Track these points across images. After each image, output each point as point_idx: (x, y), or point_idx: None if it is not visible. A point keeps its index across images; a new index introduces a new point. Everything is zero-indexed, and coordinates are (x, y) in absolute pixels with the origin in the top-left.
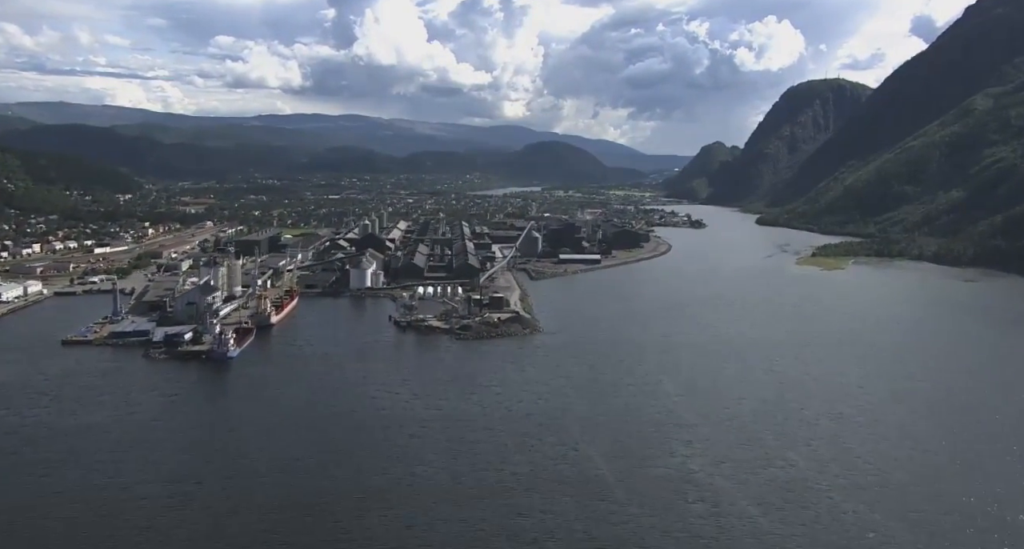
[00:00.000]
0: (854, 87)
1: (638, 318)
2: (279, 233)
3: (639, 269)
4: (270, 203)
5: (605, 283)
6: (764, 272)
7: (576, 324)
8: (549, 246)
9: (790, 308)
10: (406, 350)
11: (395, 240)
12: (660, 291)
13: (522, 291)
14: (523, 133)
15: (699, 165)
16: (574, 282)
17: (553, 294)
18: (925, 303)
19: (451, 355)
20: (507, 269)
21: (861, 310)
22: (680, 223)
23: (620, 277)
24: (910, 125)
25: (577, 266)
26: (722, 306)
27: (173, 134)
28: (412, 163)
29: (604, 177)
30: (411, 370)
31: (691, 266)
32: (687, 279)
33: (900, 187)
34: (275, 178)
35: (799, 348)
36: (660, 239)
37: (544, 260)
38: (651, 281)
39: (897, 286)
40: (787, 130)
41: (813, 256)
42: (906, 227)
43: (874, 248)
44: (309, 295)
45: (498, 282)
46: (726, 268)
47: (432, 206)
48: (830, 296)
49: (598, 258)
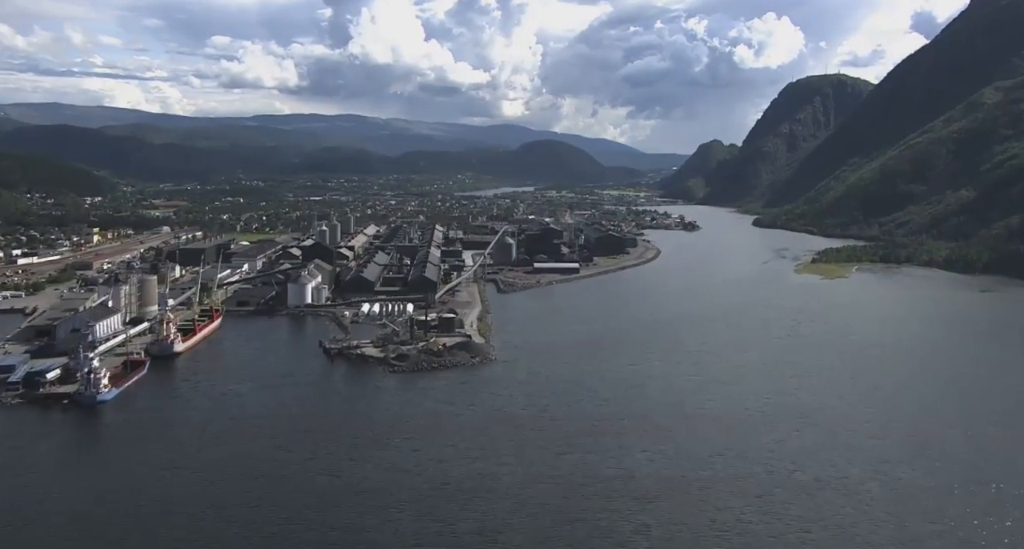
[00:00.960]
0: (855, 82)
1: (608, 342)
2: (230, 240)
3: (621, 279)
4: (246, 205)
5: (580, 296)
6: (760, 282)
7: (536, 350)
8: (525, 253)
9: (786, 328)
10: (326, 387)
11: (354, 248)
12: (640, 306)
13: (484, 308)
14: (521, 132)
15: (696, 164)
16: (546, 295)
17: (519, 310)
18: (940, 320)
19: (379, 394)
20: (474, 280)
21: (868, 330)
22: (672, 225)
23: (598, 289)
24: (915, 121)
25: (553, 276)
26: (708, 325)
27: (165, 135)
28: (404, 163)
29: (601, 176)
30: (319, 418)
31: (679, 275)
32: (673, 291)
33: (905, 186)
34: (260, 179)
35: (796, 381)
36: (649, 243)
37: (518, 269)
38: (632, 293)
39: (906, 298)
40: (786, 127)
41: (813, 262)
42: (912, 229)
43: (879, 253)
44: (240, 314)
45: (460, 296)
46: (718, 277)
47: (415, 208)
48: (832, 311)
49: (576, 267)
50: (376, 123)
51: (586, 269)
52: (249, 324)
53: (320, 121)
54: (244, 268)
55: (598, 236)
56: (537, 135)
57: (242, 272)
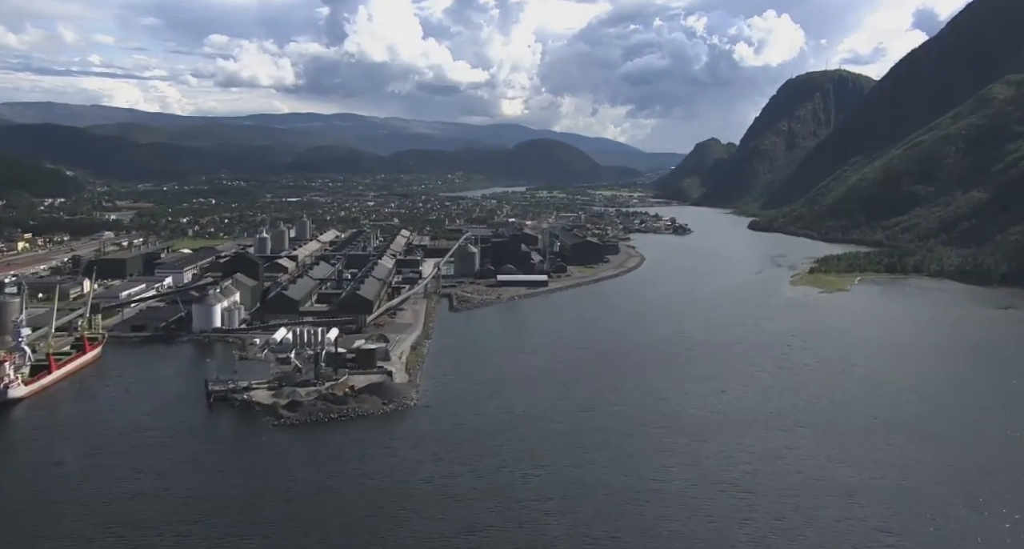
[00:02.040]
0: (856, 79)
1: (560, 379)
2: (161, 249)
3: (595, 292)
4: (216, 207)
5: (543, 316)
6: (750, 295)
7: (469, 391)
8: (491, 262)
9: (775, 358)
10: (183, 450)
11: (298, 258)
12: (608, 329)
13: (424, 332)
14: (521, 132)
15: (693, 163)
16: (504, 315)
17: (467, 335)
18: (958, 347)
19: (247, 459)
20: (425, 295)
21: (873, 362)
22: (662, 229)
23: (567, 305)
24: (920, 117)
25: (517, 290)
26: (683, 355)
27: (155, 134)
28: (394, 163)
29: (597, 176)
30: (144, 501)
31: (660, 287)
32: (649, 308)
33: (911, 187)
34: (244, 179)
35: (782, 438)
36: (634, 249)
37: (481, 282)
38: (603, 311)
39: (916, 318)
40: (785, 125)
41: (811, 272)
42: (919, 234)
43: (883, 261)
44: (131, 342)
45: (402, 317)
46: (703, 290)
47: (392, 210)
48: (830, 336)
49: (544, 279)
50: (373, 122)
51: (557, 281)
52: (137, 355)
53: (317, 120)
54: (166, 282)
55: (575, 243)
56: (536, 134)
57: (160, 287)
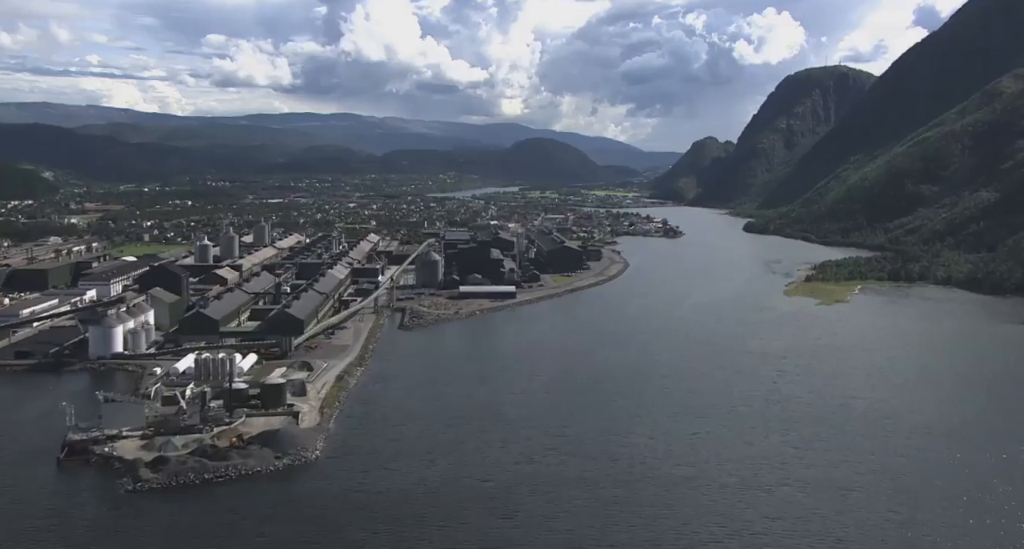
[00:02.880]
0: (857, 75)
1: (503, 417)
2: (97, 256)
3: (568, 305)
4: (191, 209)
5: (503, 334)
6: (738, 308)
7: (389, 436)
8: (457, 271)
9: (761, 388)
10: (7, 529)
11: (243, 267)
12: (572, 350)
13: (358, 357)
14: (520, 131)
15: (689, 163)
16: (459, 333)
17: (410, 360)
18: (976, 375)
19: (77, 545)
20: (376, 310)
21: (875, 394)
22: (653, 231)
23: (532, 321)
24: (924, 113)
25: (481, 302)
26: (653, 385)
27: (147, 134)
28: (388, 162)
29: (594, 176)
30: None
31: (641, 299)
32: (623, 325)
33: (915, 187)
34: (231, 180)
35: (763, 501)
36: (618, 255)
37: (443, 293)
38: (570, 329)
39: (924, 335)
40: (783, 122)
41: (807, 281)
42: (924, 237)
43: (886, 268)
44: (13, 371)
45: (341, 337)
46: (688, 302)
47: (373, 212)
48: (826, 359)
49: (512, 290)
50: (371, 122)
51: (527, 292)
52: (13, 388)
53: (314, 120)
54: (88, 296)
55: (551, 249)
56: (536, 133)
57: (79, 302)
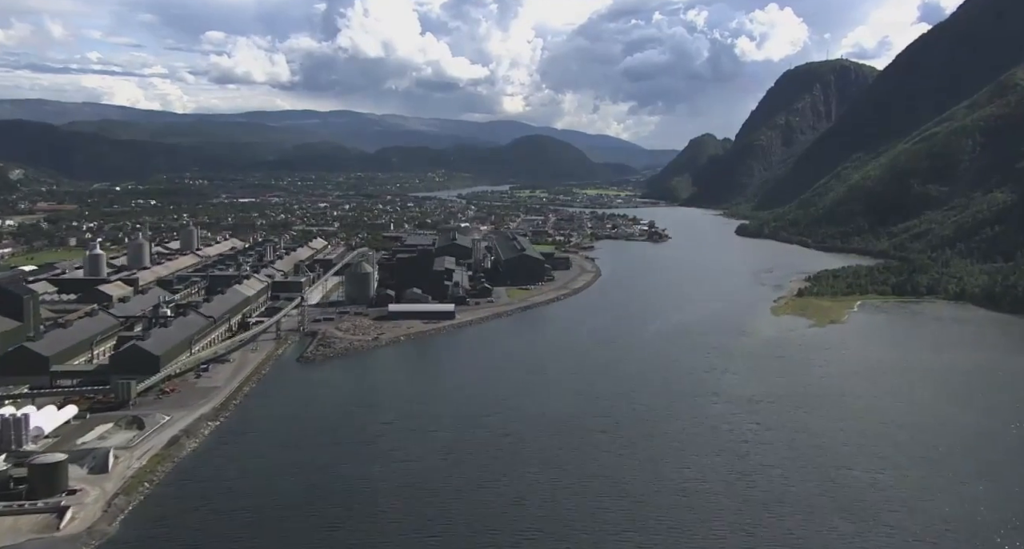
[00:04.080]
0: (859, 68)
1: (366, 508)
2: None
3: (516, 327)
4: (150, 209)
5: (421, 370)
6: (713, 333)
7: (196, 541)
8: (396, 284)
9: (725, 458)
10: None
11: (139, 281)
12: (499, 393)
13: (218, 407)
14: (521, 129)
15: (685, 161)
16: (366, 368)
17: (284, 409)
18: (1011, 437)
19: None
20: (279, 336)
21: (875, 464)
22: (636, 235)
23: (465, 350)
24: (931, 107)
25: (411, 324)
26: (588, 445)
27: (137, 131)
28: (378, 160)
29: (590, 174)
30: None
31: (601, 319)
32: (566, 358)
33: (922, 187)
34: (209, 178)
35: None
36: (592, 263)
37: (372, 311)
38: (508, 359)
39: (936, 370)
40: (782, 118)
41: (800, 295)
42: (932, 243)
43: (890, 280)
44: None
45: (217, 375)
46: (655, 324)
47: (343, 212)
48: (815, 410)
49: (451, 309)
50: (370, 119)
51: (472, 310)
52: None
53: (313, 117)
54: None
55: (510, 257)
56: (537, 131)
57: None
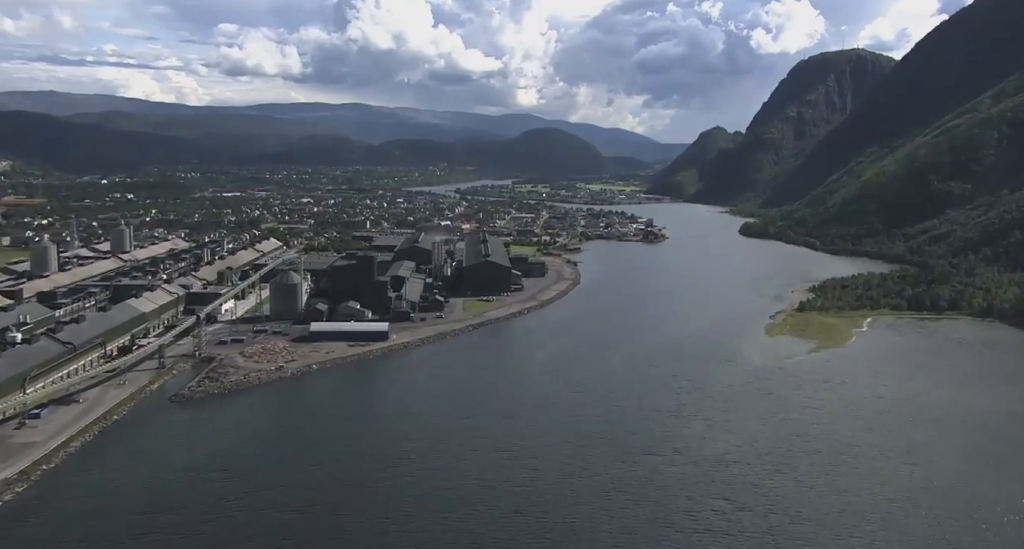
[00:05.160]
0: (876, 59)
1: None
2: None
3: (455, 352)
4: (125, 204)
5: (325, 411)
6: (691, 361)
7: None
8: (332, 296)
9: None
10: None
11: (22, 294)
12: (388, 459)
13: (5, 481)
14: (534, 122)
15: (694, 155)
16: (252, 412)
17: (107, 479)
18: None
19: None
20: (161, 365)
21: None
22: (631, 234)
23: (391, 382)
24: (953, 98)
25: (334, 348)
26: (503, 530)
27: (141, 123)
28: (382, 153)
29: (599, 168)
30: None
31: (563, 340)
32: (504, 397)
33: (941, 184)
34: (202, 171)
35: None
36: (573, 267)
37: (294, 331)
38: (441, 397)
39: (963, 415)
40: (793, 110)
41: (801, 310)
42: (953, 246)
43: (905, 292)
44: None
45: (41, 426)
46: (627, 347)
47: (323, 208)
48: (809, 473)
49: (383, 329)
50: (382, 112)
51: (413, 328)
52: None
53: (324, 110)
54: None
55: (472, 264)
56: (550, 125)
57: None
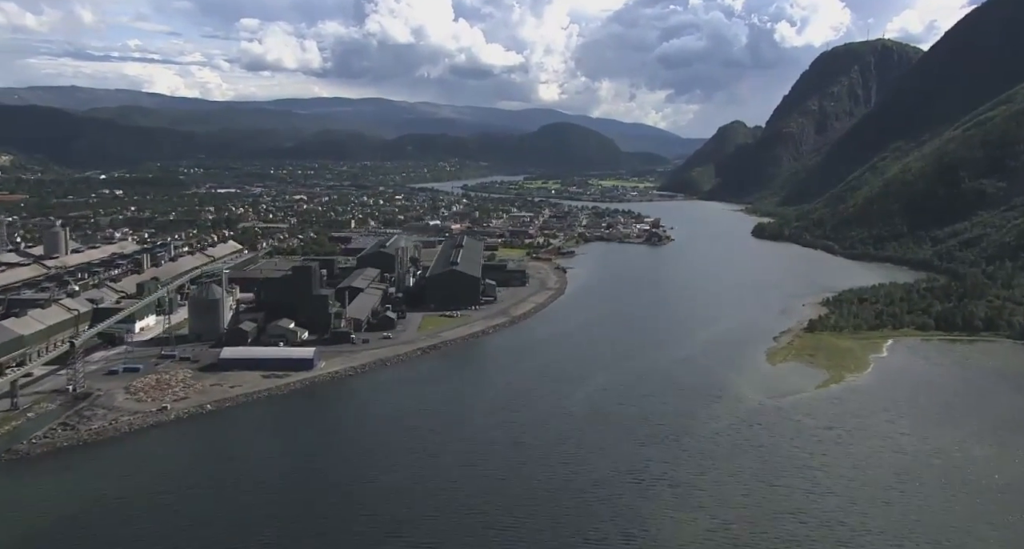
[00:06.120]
0: (903, 49)
1: None
2: None
3: (388, 389)
4: (109, 201)
5: (192, 468)
6: (670, 396)
7: None
8: (267, 312)
9: None
10: None
11: None
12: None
13: None
14: (555, 117)
15: (712, 150)
16: (101, 475)
17: None
18: None
19: None
20: (14, 405)
21: None
22: (633, 236)
23: (298, 425)
24: (986, 88)
25: (246, 379)
26: None
27: (157, 118)
28: (395, 148)
29: (617, 163)
30: None
31: (522, 371)
32: (429, 450)
33: (973, 182)
34: (204, 167)
35: None
36: (563, 274)
37: (208, 357)
38: (343, 452)
39: (1009, 482)
40: (815, 103)
41: (810, 330)
42: (987, 252)
43: (934, 307)
44: None
45: None
46: (598, 378)
47: (311, 206)
48: None
49: (308, 356)
50: (403, 107)
51: (351, 352)
52: None
53: (345, 105)
54: None
55: (436, 274)
56: (572, 119)
57: None
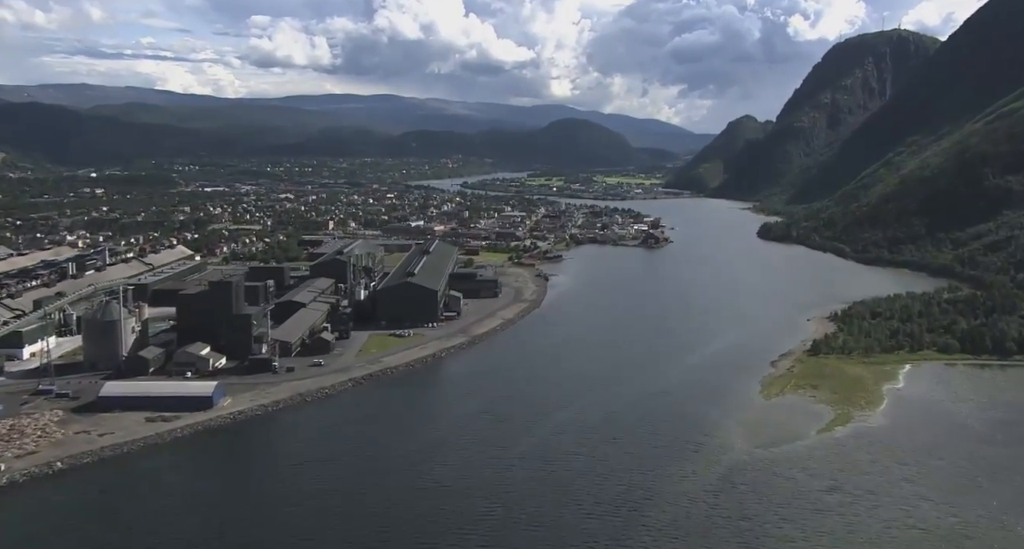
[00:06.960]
0: (919, 39)
1: None
2: None
3: (299, 429)
4: (87, 200)
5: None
6: (636, 446)
7: None
8: (179, 334)
9: None
10: None
11: None
12: None
13: None
14: (566, 113)
15: (721, 145)
16: None
17: None
18: None
19: None
20: None
21: None
22: (628, 237)
23: (157, 491)
24: (1009, 78)
25: (120, 424)
26: None
27: (161, 115)
28: (400, 144)
29: (626, 159)
30: None
31: (473, 404)
32: (314, 523)
33: (998, 179)
34: (200, 164)
35: None
36: (545, 281)
37: (91, 392)
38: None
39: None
40: (827, 97)
41: (813, 353)
42: (1015, 257)
43: (958, 323)
44: None
45: None
46: (556, 417)
47: (293, 205)
48: None
49: (207, 393)
50: (413, 103)
51: (270, 384)
52: None
53: (354, 101)
54: None
55: (390, 286)
56: (584, 115)
57: None
